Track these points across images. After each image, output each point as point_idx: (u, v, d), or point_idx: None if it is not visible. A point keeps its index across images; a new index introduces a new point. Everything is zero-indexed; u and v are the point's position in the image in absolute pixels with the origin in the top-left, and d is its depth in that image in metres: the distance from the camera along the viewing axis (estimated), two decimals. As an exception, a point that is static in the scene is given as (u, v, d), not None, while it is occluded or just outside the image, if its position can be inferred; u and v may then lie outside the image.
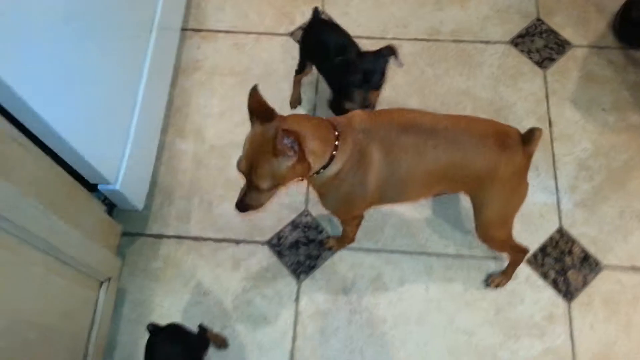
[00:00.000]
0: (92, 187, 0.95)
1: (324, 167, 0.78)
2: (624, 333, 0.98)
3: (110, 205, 1.05)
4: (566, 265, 1.03)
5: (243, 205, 0.79)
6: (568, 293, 1.01)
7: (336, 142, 0.77)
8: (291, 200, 1.12)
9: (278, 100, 1.21)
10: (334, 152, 0.77)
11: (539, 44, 1.25)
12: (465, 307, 1.01)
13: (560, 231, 1.06)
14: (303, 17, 1.31)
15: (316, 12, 1.08)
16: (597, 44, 1.24)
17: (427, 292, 1.03)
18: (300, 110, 1.19)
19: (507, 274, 1.01)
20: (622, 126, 1.15)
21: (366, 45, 1.05)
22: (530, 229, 1.06)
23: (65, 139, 0.79)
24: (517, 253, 0.97)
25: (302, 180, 0.80)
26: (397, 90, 1.21)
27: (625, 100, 1.18)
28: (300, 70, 1.14)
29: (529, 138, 0.77)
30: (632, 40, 1.22)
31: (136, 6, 1.02)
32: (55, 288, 0.81)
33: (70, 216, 0.83)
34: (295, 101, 1.20)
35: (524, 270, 1.03)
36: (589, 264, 1.03)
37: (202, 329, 0.92)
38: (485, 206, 0.84)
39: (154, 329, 0.84)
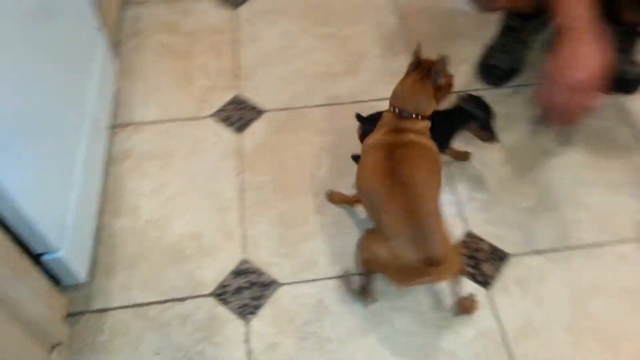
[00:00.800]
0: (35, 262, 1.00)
1: None
2: (538, 306, 1.10)
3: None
4: (479, 259, 1.17)
5: None
6: (486, 282, 1.14)
7: None
8: (229, 254, 1.21)
9: (205, 171, 1.35)
10: None
11: (421, 94, 1.49)
12: (400, 312, 1.10)
13: (469, 234, 1.21)
14: (221, 101, 1.49)
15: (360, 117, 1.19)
16: (469, 88, 1.49)
17: (365, 307, 1.12)
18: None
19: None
20: (502, 144, 1.37)
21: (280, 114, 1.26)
22: (444, 238, 1.20)
23: (18, 203, 0.87)
24: None
25: None
26: (312, 145, 1.39)
27: (500, 126, 1.40)
28: None
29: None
30: (493, 80, 1.49)
31: (73, 110, 1.17)
32: (11, 339, 0.83)
33: (19, 279, 0.88)
34: None
35: (445, 271, 1.15)
36: (498, 255, 1.18)
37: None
38: None
39: None
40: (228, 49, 1.63)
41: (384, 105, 1.10)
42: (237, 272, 1.18)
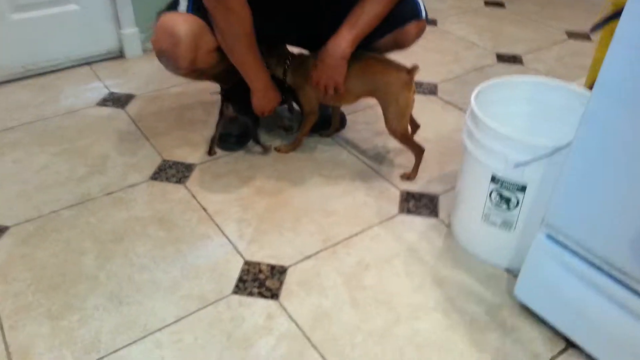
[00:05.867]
0: None
1: None
2: (322, 296, 1.20)
3: None
4: (261, 279, 1.23)
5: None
6: (274, 295, 1.20)
7: None
8: None
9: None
10: None
11: (172, 172, 1.58)
12: (202, 349, 1.08)
13: (247, 263, 1.28)
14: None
15: None
16: (207, 159, 1.64)
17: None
18: None
19: (414, 170, 1.58)
20: (250, 190, 1.52)
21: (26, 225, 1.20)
22: (223, 276, 1.25)
23: None
24: (416, 149, 1.54)
25: None
26: (68, 241, 1.33)
27: (239, 177, 1.57)
28: None
29: (411, 69, 1.42)
30: (228, 147, 1.68)
31: None
32: None
33: None
34: None
35: (233, 300, 1.18)
36: (277, 271, 1.26)
37: None
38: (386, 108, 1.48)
39: None
40: (-47, 186, 1.51)
41: (139, 189, 1.15)
42: None
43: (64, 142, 1.72)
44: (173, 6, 1.39)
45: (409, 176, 1.58)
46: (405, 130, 1.51)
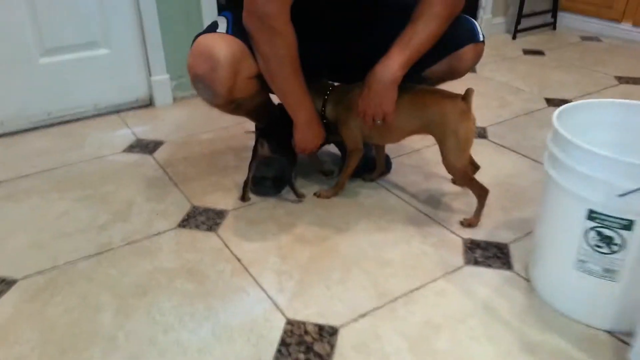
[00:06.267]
0: None
1: None
2: None
3: None
4: (308, 343, 1.02)
5: None
6: (324, 362, 0.98)
7: None
8: None
9: None
10: None
11: (202, 219, 1.41)
12: None
13: (290, 322, 1.07)
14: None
15: None
16: (240, 205, 1.48)
17: None
18: None
19: (477, 215, 1.37)
20: (290, 238, 1.33)
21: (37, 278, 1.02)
22: (262, 338, 1.04)
23: None
24: (479, 190, 1.35)
25: None
26: (83, 295, 1.15)
27: (287, 222, 1.39)
28: None
29: (466, 95, 1.26)
30: (263, 191, 1.51)
31: None
32: None
33: None
34: None
35: (275, 366, 0.97)
36: (327, 332, 1.05)
37: None
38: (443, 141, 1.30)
39: None
40: (-38, 235, 1.36)
41: (166, 236, 0.98)
42: None
43: (85, 189, 1.57)
44: (211, 29, 1.27)
45: (471, 222, 1.38)
46: (466, 168, 1.33)
